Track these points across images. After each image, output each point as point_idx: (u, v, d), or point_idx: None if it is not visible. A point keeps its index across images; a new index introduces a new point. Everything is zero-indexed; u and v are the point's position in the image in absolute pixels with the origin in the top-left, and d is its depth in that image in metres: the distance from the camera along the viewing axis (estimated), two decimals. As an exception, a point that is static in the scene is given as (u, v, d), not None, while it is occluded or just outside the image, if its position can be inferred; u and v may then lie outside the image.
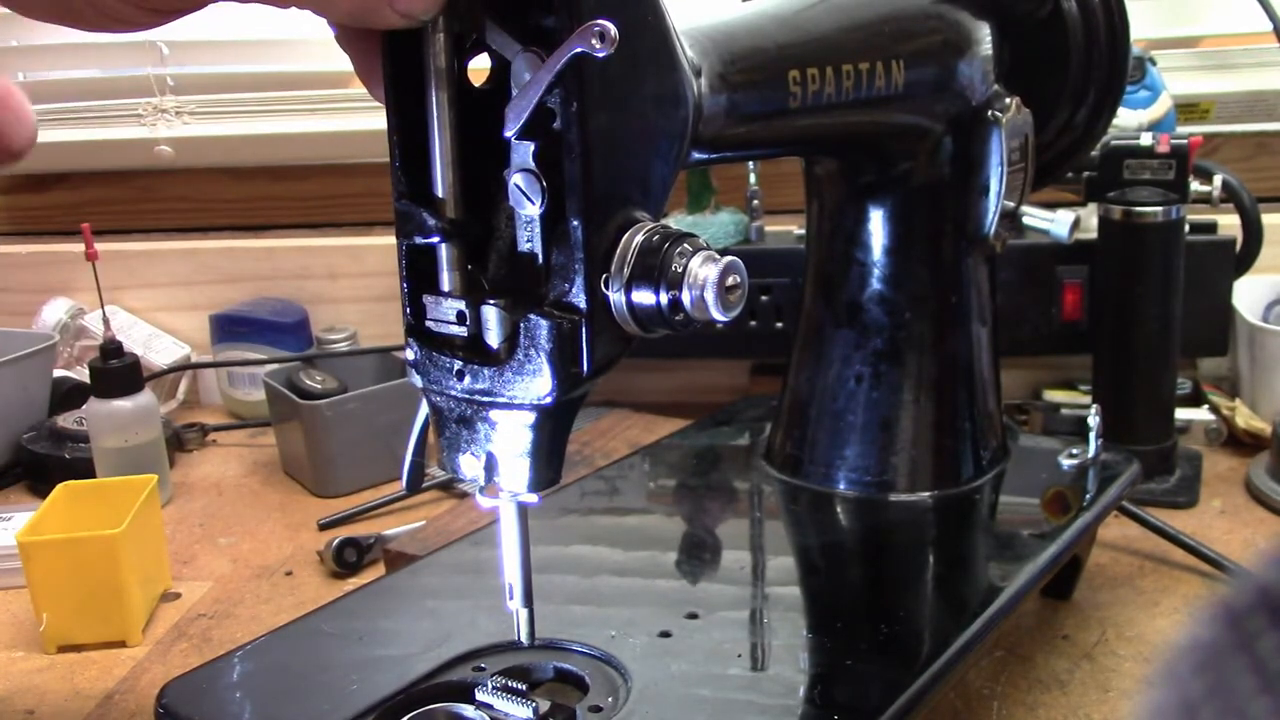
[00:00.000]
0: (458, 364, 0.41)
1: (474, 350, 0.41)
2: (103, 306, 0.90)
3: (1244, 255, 0.91)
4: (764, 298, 0.93)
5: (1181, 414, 0.87)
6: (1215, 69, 1.06)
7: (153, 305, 1.14)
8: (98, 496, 0.74)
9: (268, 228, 1.20)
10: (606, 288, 0.39)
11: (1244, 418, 0.90)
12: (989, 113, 0.62)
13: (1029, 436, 0.73)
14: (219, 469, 0.97)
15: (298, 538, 0.83)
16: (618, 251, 0.40)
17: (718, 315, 0.39)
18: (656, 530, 0.65)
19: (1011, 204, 0.64)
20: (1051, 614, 0.68)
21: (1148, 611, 0.69)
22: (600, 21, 0.36)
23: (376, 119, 0.37)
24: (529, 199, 0.39)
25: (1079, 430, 0.77)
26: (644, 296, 0.39)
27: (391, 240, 0.42)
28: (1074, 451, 0.68)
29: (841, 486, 0.66)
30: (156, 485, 0.74)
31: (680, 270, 0.39)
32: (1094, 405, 0.69)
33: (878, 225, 0.64)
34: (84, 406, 0.90)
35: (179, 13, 0.39)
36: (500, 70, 0.40)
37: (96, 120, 1.18)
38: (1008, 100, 0.63)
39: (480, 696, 0.48)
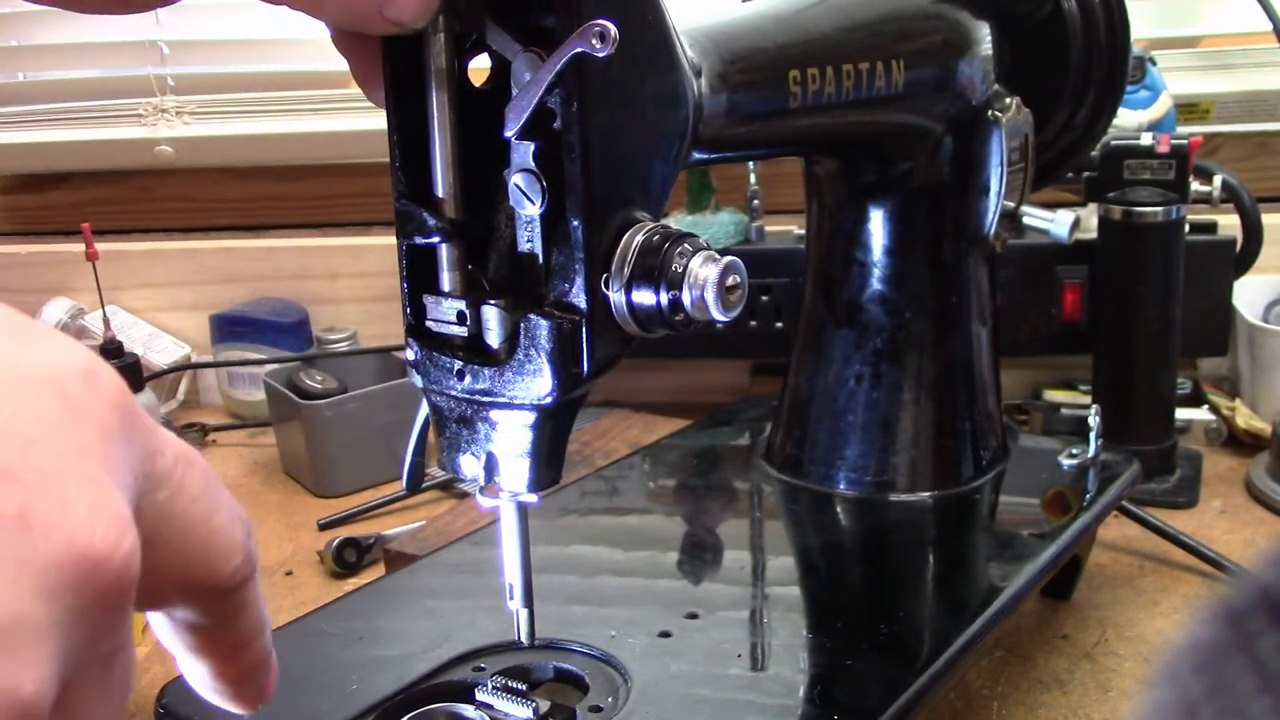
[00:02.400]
0: (458, 364, 0.41)
1: (474, 350, 0.41)
2: (103, 306, 0.90)
3: (1244, 255, 0.91)
4: (764, 298, 0.93)
5: (1181, 414, 0.87)
6: (1215, 69, 1.06)
7: (153, 305, 1.13)
8: (98, 496, 0.74)
9: (268, 228, 1.19)
10: (607, 288, 0.39)
11: (1244, 418, 0.90)
12: (989, 113, 0.62)
13: (1029, 436, 0.73)
14: (219, 469, 0.96)
15: (298, 538, 0.83)
16: (618, 251, 0.40)
17: (718, 315, 0.39)
18: (656, 530, 0.65)
19: (1011, 204, 0.64)
20: (1051, 614, 0.68)
21: (1148, 611, 0.69)
22: (600, 21, 0.36)
23: (377, 119, 0.37)
24: (529, 199, 0.39)
25: (1079, 430, 0.77)
26: (644, 296, 0.39)
27: (391, 240, 0.42)
28: (1074, 451, 0.68)
29: (841, 486, 0.66)
30: (156, 485, 0.74)
31: (680, 270, 0.39)
32: (1094, 405, 0.69)
33: (878, 225, 0.64)
34: (84, 406, 0.90)
35: None
36: (500, 70, 0.40)
37: (96, 120, 1.18)
38: (1008, 100, 0.63)
39: (480, 696, 0.48)
